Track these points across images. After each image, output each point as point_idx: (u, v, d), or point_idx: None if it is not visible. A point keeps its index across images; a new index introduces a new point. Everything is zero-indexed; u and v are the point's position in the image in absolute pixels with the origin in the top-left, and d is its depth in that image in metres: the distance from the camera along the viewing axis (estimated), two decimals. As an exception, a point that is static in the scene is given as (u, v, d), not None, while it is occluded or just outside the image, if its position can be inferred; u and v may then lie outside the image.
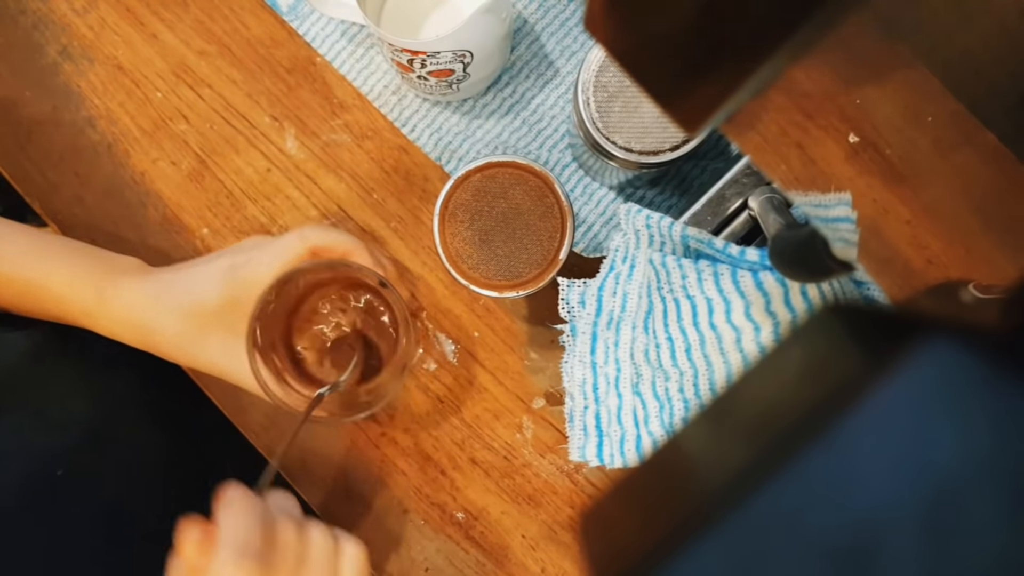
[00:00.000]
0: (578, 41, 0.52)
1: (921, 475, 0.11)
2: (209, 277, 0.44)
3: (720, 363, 0.43)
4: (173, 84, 0.52)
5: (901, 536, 0.11)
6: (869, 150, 0.22)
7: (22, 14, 0.53)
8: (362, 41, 0.52)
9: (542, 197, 0.44)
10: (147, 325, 0.44)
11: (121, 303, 0.43)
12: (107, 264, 0.45)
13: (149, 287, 0.44)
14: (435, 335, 0.52)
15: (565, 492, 0.52)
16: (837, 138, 0.23)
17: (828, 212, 0.33)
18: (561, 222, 0.44)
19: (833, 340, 0.14)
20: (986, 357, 0.12)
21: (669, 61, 0.19)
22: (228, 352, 0.43)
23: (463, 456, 0.52)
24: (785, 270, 0.36)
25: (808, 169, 0.24)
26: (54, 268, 0.44)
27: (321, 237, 0.44)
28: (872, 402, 0.12)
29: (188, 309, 0.43)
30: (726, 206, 0.44)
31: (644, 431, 0.42)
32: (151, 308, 0.43)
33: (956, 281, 0.22)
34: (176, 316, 0.43)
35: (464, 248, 0.44)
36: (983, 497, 0.11)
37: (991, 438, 0.11)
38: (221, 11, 0.53)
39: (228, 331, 0.43)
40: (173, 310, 0.43)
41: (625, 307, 0.42)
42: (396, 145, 0.52)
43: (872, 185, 0.23)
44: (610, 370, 0.42)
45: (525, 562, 0.51)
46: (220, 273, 0.44)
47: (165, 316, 0.43)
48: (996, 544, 0.11)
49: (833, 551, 0.11)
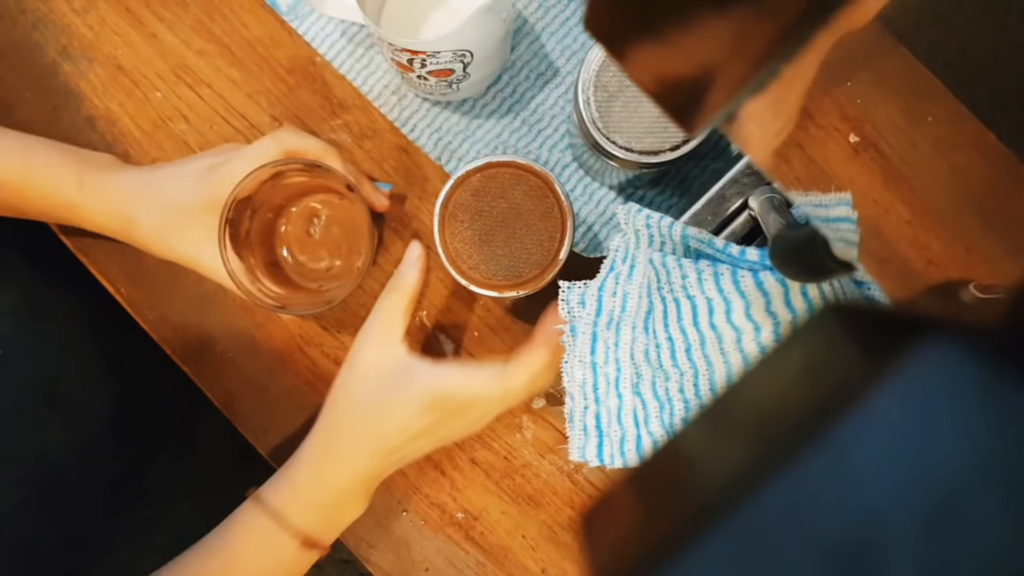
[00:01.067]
0: (578, 41, 0.52)
1: (921, 475, 0.11)
2: (187, 175, 0.45)
3: (720, 363, 0.43)
4: (173, 84, 0.52)
5: (901, 535, 0.11)
6: (869, 150, 0.22)
7: (22, 14, 0.53)
8: (362, 41, 0.52)
9: (542, 197, 0.44)
10: (127, 214, 0.45)
11: (103, 194, 0.45)
12: (84, 159, 0.47)
13: (128, 181, 0.46)
14: (435, 335, 0.52)
15: (565, 492, 0.52)
16: (837, 138, 0.23)
17: (828, 212, 0.33)
18: (561, 222, 0.44)
19: (833, 340, 0.14)
20: (986, 357, 0.12)
21: (669, 61, 0.19)
22: (204, 247, 0.45)
23: (463, 456, 0.52)
24: (785, 270, 0.36)
25: (808, 169, 0.24)
26: (35, 164, 0.46)
27: (295, 140, 0.45)
28: (872, 402, 0.12)
29: (167, 202, 0.45)
30: (726, 206, 0.44)
31: (644, 431, 0.42)
32: (130, 199, 0.45)
33: (956, 281, 0.22)
34: (155, 207, 0.45)
35: (464, 248, 0.44)
36: (983, 497, 0.11)
37: (991, 438, 0.11)
38: (221, 11, 0.53)
39: (205, 227, 0.44)
40: (152, 201, 0.45)
41: (625, 307, 0.42)
42: (396, 145, 0.52)
43: (872, 185, 0.23)
44: (610, 370, 0.42)
45: (525, 562, 0.51)
46: (197, 172, 0.45)
47: (144, 207, 0.45)
48: (996, 543, 0.11)
49: (833, 551, 0.11)
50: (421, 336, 0.52)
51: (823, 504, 0.11)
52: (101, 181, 0.46)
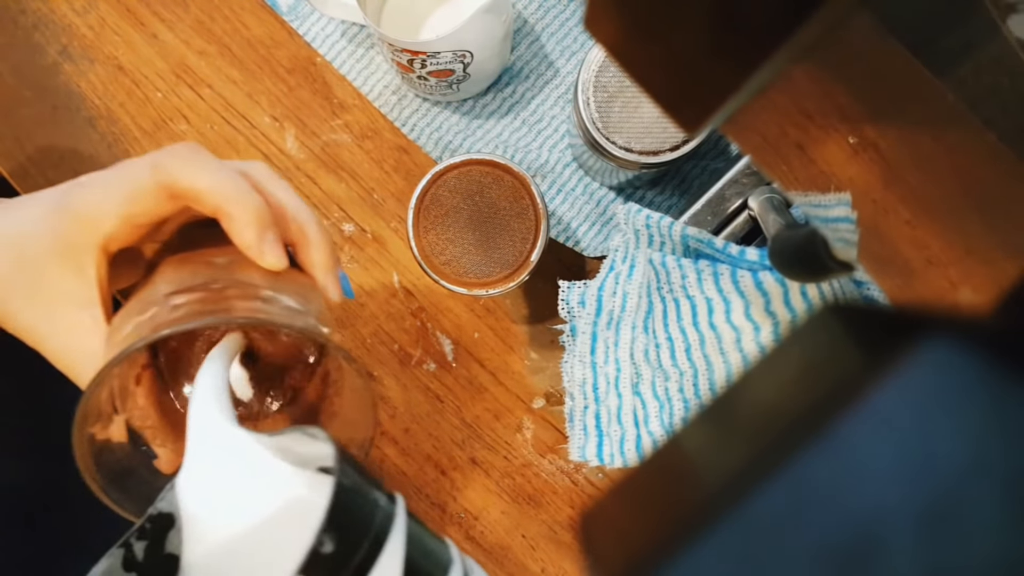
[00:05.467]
0: (578, 41, 0.52)
1: (921, 475, 0.11)
2: (36, 201, 0.32)
3: (720, 363, 0.43)
4: (173, 84, 0.52)
5: (901, 536, 0.11)
6: (869, 150, 0.22)
7: (22, 14, 0.53)
8: (362, 41, 0.52)
9: (518, 198, 0.44)
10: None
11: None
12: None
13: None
14: (435, 335, 0.52)
15: (565, 492, 0.52)
16: (837, 138, 0.23)
17: (828, 212, 0.33)
18: (535, 223, 0.44)
19: (832, 340, 0.14)
20: (986, 357, 0.12)
21: (669, 61, 0.19)
22: (45, 320, 0.30)
23: (463, 456, 0.52)
24: (785, 270, 0.36)
25: (808, 169, 0.24)
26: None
27: (185, 173, 0.29)
28: (872, 402, 0.12)
29: (3, 240, 0.31)
30: (726, 206, 0.44)
31: (644, 431, 0.42)
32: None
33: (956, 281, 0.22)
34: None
35: (437, 243, 0.44)
36: (983, 497, 0.11)
37: (991, 438, 0.11)
38: (221, 11, 0.53)
39: (55, 286, 0.30)
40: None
41: (625, 307, 0.42)
42: (396, 145, 0.52)
43: (872, 185, 0.23)
44: (610, 370, 0.42)
45: (525, 562, 0.51)
46: (49, 197, 0.31)
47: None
48: (996, 544, 0.11)
49: (833, 551, 0.11)
50: (420, 336, 0.52)
51: (823, 503, 0.11)
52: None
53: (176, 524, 0.25)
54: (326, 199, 0.52)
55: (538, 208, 0.44)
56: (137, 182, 0.29)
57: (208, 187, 0.29)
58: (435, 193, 0.44)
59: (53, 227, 0.30)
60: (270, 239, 0.30)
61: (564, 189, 0.52)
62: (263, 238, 0.29)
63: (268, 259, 0.30)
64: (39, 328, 0.30)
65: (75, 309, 0.30)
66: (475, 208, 0.44)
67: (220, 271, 0.29)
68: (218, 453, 0.26)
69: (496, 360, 0.52)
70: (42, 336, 0.30)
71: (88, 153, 0.53)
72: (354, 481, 0.24)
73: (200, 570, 0.25)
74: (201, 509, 0.25)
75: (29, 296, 0.30)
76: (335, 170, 0.52)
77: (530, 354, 0.52)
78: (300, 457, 0.27)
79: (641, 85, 0.20)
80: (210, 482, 0.26)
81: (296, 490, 0.26)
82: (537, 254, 0.43)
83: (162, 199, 0.29)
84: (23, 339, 0.31)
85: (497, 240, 0.44)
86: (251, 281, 0.29)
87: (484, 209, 0.44)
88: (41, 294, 0.30)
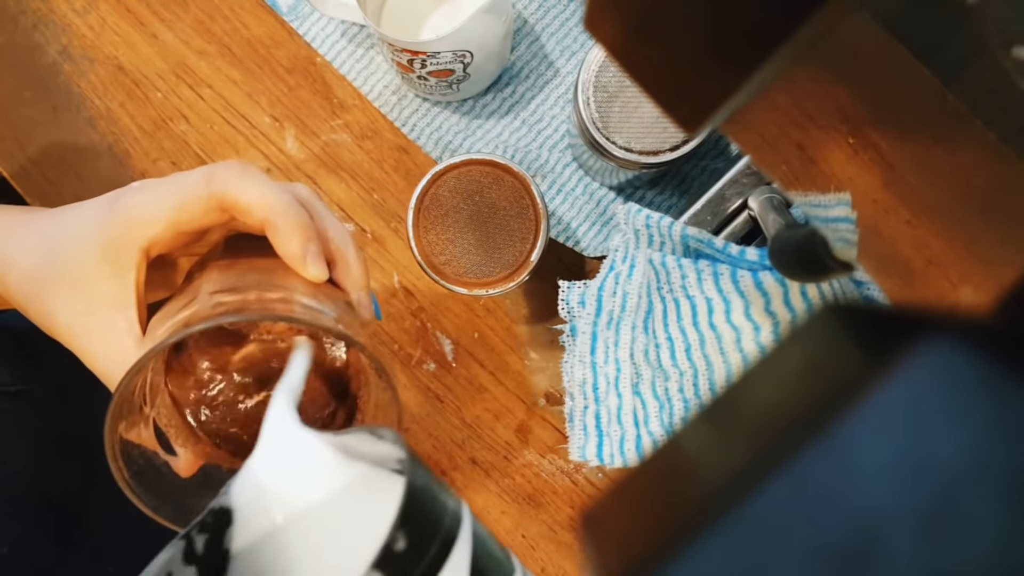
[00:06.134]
0: (578, 41, 0.52)
1: (921, 475, 0.11)
2: (88, 204, 0.32)
3: (720, 363, 0.43)
4: (173, 84, 0.52)
5: (901, 536, 0.11)
6: (869, 150, 0.22)
7: (22, 14, 0.53)
8: (362, 41, 0.52)
9: (518, 198, 0.44)
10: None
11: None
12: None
13: (9, 214, 0.34)
14: (435, 335, 0.52)
15: (565, 492, 0.52)
16: (837, 138, 0.23)
17: (828, 212, 0.33)
18: (535, 223, 0.44)
19: (832, 339, 0.14)
20: (986, 356, 0.12)
21: (669, 61, 0.19)
22: (81, 319, 0.31)
23: (463, 456, 0.52)
24: (785, 270, 0.36)
25: (808, 169, 0.24)
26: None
27: (236, 185, 0.30)
28: (872, 402, 0.12)
29: (52, 237, 0.32)
30: (726, 206, 0.44)
31: (644, 431, 0.42)
32: (7, 235, 0.33)
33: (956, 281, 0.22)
34: (34, 244, 0.32)
35: (437, 243, 0.44)
36: (983, 497, 0.11)
37: (991, 438, 0.11)
38: (221, 11, 0.53)
39: (98, 293, 0.31)
40: (31, 238, 0.32)
41: (625, 307, 0.42)
42: (396, 145, 0.52)
43: (872, 185, 0.23)
44: (610, 370, 0.42)
45: (525, 562, 0.51)
46: (100, 200, 0.32)
47: (20, 242, 0.32)
48: (996, 544, 0.11)
49: (833, 551, 0.11)
50: (420, 336, 0.52)
51: (822, 503, 0.11)
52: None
53: (234, 520, 0.25)
54: (326, 199, 0.52)
55: (538, 208, 0.44)
56: (190, 190, 0.30)
57: (257, 200, 0.30)
58: (435, 193, 0.44)
59: (100, 226, 0.30)
60: (313, 251, 0.31)
61: (564, 189, 0.52)
62: (307, 249, 0.30)
63: (311, 270, 0.31)
64: (74, 326, 0.31)
65: (111, 309, 0.30)
66: (475, 208, 0.44)
67: (264, 275, 0.30)
68: (287, 452, 0.25)
69: (496, 360, 0.52)
70: (76, 334, 0.31)
71: (88, 153, 0.53)
72: (425, 481, 0.24)
73: (262, 568, 0.24)
74: (263, 506, 0.25)
75: (68, 295, 0.31)
76: (335, 170, 0.52)
77: (530, 354, 0.52)
78: (366, 457, 0.27)
79: (641, 85, 0.20)
80: (276, 480, 0.25)
81: (364, 489, 0.25)
82: (537, 254, 0.43)
83: (211, 209, 0.30)
84: (58, 338, 0.32)
85: (497, 240, 0.44)
86: (293, 287, 0.29)
87: (484, 209, 0.44)
88: (80, 292, 0.31)
